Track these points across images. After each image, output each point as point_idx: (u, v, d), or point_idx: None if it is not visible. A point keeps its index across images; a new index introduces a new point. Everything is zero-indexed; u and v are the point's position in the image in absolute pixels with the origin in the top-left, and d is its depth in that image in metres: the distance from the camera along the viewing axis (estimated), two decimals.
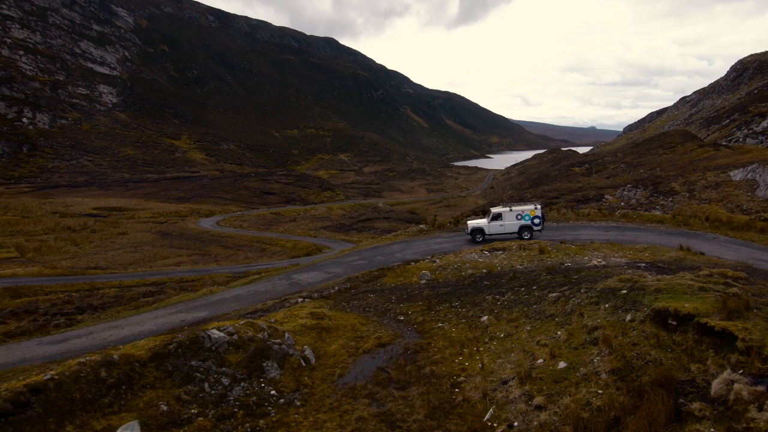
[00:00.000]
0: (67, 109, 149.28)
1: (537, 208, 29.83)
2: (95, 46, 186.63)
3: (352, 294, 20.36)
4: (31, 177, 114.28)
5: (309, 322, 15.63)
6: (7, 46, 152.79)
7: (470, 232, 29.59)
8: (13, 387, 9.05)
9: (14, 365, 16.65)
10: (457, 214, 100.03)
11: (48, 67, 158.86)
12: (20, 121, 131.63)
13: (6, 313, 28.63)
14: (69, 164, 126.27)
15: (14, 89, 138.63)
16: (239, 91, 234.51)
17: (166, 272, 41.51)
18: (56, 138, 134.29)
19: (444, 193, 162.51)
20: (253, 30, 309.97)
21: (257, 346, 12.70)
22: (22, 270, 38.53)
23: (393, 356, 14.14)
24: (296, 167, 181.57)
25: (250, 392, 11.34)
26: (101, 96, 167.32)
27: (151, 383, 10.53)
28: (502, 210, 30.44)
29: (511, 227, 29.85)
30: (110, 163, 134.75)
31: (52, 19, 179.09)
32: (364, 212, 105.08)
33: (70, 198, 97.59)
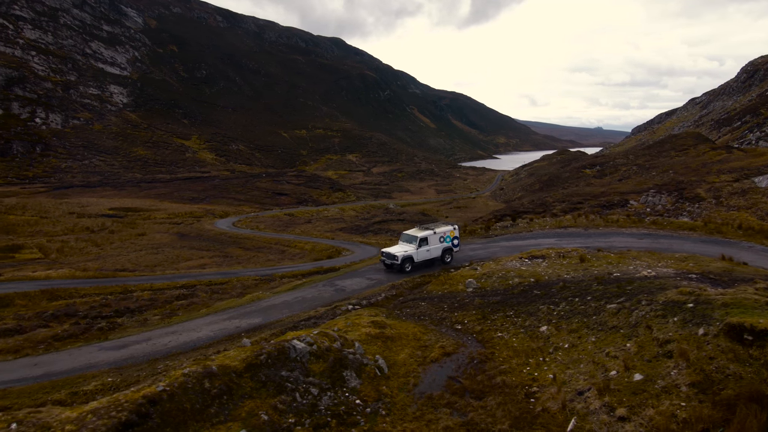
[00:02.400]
0: (79, 109, 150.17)
1: (455, 228, 28.68)
2: (106, 46, 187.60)
3: (400, 302, 20.72)
4: (44, 177, 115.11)
5: (372, 331, 15.99)
6: (20, 46, 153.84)
7: (401, 261, 26.36)
8: (133, 398, 9.44)
9: (82, 371, 17.09)
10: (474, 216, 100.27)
11: (60, 67, 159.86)
12: (33, 121, 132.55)
13: (47, 315, 29.09)
14: (82, 164, 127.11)
15: (27, 89, 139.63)
16: (247, 91, 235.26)
17: (194, 275, 41.91)
18: (69, 138, 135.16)
19: (454, 194, 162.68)
20: (260, 30, 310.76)
21: (335, 356, 13.08)
22: (55, 272, 39.02)
23: (460, 366, 14.50)
24: (305, 167, 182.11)
25: (337, 402, 11.71)
26: (112, 96, 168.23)
27: (248, 393, 10.91)
28: (427, 234, 27.87)
29: (436, 251, 27.79)
30: (122, 163, 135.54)
31: (63, 19, 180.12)
32: (376, 213, 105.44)
33: (85, 198, 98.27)
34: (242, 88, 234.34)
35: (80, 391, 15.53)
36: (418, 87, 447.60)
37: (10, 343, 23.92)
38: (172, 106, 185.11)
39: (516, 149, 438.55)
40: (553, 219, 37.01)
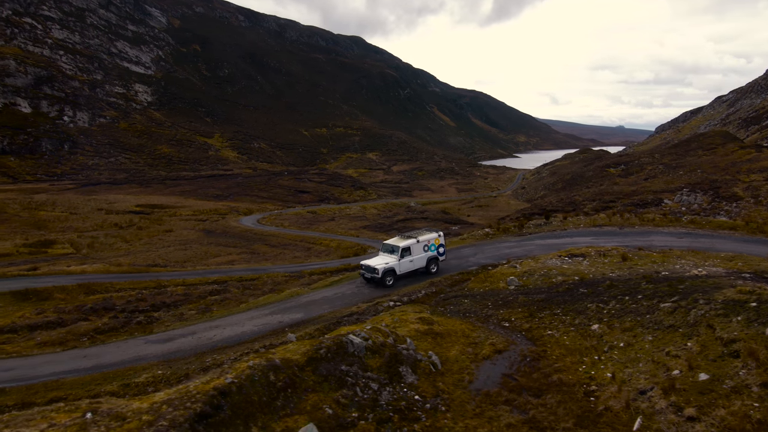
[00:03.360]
0: (105, 107, 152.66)
1: (441, 235, 26.93)
2: (131, 45, 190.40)
3: (442, 299, 20.59)
4: (72, 174, 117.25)
5: (420, 327, 15.89)
6: (48, 46, 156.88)
7: (381, 275, 24.08)
8: (204, 389, 9.47)
9: (131, 363, 17.30)
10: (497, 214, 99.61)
11: (86, 66, 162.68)
12: (61, 120, 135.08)
13: (87, 309, 29.59)
14: (108, 162, 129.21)
15: (55, 88, 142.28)
16: (269, 89, 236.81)
17: (225, 271, 42.30)
18: (95, 136, 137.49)
19: (474, 193, 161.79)
20: (282, 29, 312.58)
21: (390, 351, 13.01)
22: (90, 267, 39.69)
23: (513, 363, 14.33)
24: (325, 166, 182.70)
25: (397, 397, 11.64)
26: (137, 95, 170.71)
27: (311, 387, 10.90)
28: (410, 243, 25.67)
29: (420, 261, 25.65)
30: (147, 160, 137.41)
31: (90, 19, 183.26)
32: (398, 212, 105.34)
33: (112, 195, 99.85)
34: (263, 87, 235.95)
35: (132, 383, 15.72)
36: (438, 85, 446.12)
37: (53, 335, 24.38)
38: (195, 104, 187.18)
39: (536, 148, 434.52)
40: (586, 218, 36.50)
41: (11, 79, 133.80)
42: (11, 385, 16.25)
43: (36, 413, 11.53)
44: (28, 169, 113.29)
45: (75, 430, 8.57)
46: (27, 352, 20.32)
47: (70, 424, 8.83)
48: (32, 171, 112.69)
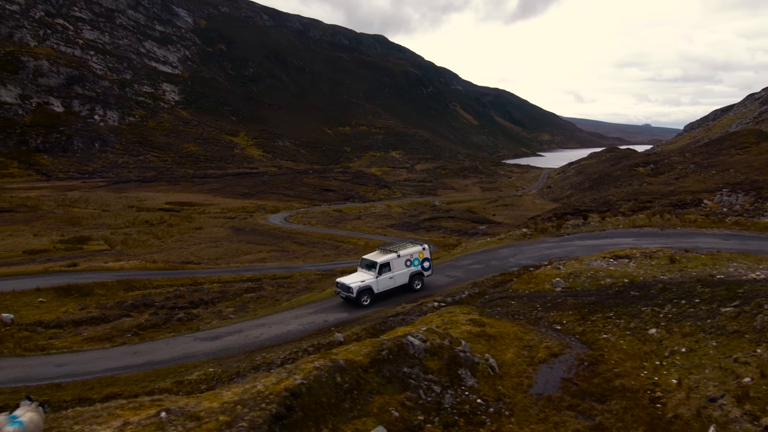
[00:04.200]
0: (134, 106, 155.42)
1: (425, 248, 24.36)
2: (158, 45, 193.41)
3: (487, 300, 20.35)
4: (103, 171, 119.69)
5: (473, 329, 15.68)
6: (80, 46, 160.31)
7: (356, 295, 21.85)
8: (276, 390, 9.44)
9: (181, 360, 17.45)
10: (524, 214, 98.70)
11: (116, 66, 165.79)
12: (92, 118, 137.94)
13: (127, 305, 30.07)
14: (137, 160, 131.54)
15: (86, 88, 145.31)
16: (293, 88, 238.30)
17: (258, 268, 42.63)
18: (125, 134, 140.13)
19: (499, 192, 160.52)
20: (305, 28, 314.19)
21: (449, 353, 12.85)
22: (127, 263, 40.36)
23: (571, 367, 14.04)
24: (349, 164, 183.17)
25: (460, 400, 11.48)
26: (164, 94, 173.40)
27: (376, 389, 10.80)
28: (389, 258, 23.26)
29: (402, 277, 23.35)
30: (174, 158, 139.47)
31: (119, 20, 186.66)
32: (423, 210, 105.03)
33: (142, 192, 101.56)
34: (288, 86, 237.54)
35: (185, 380, 15.86)
36: (461, 83, 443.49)
37: (99, 331, 24.85)
38: (221, 103, 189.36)
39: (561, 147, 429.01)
40: (625, 218, 35.80)
41: (44, 78, 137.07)
42: (66, 380, 16.53)
43: (100, 410, 11.66)
44: (60, 166, 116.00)
45: (153, 429, 8.60)
46: (77, 347, 20.68)
47: (147, 423, 8.88)
48: (64, 169, 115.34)
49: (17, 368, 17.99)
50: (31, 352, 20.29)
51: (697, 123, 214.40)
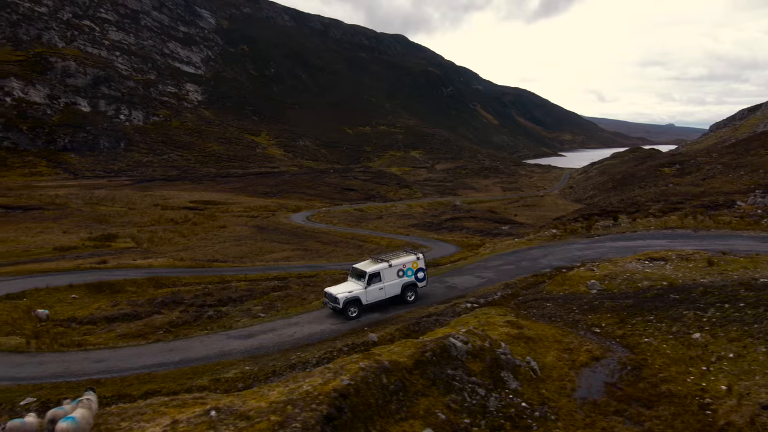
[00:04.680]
0: (158, 106, 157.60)
1: (420, 258, 23.17)
2: (182, 46, 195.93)
3: (521, 301, 20.11)
4: (128, 170, 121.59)
5: (511, 331, 15.48)
6: (106, 47, 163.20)
7: (342, 306, 20.97)
8: (324, 391, 9.40)
9: (217, 358, 17.55)
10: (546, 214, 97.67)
11: (141, 66, 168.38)
12: (118, 118, 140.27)
13: (158, 302, 30.44)
14: (161, 159, 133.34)
15: (112, 88, 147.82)
16: (313, 88, 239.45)
17: (283, 267, 42.84)
18: (149, 134, 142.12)
19: (520, 192, 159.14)
20: (326, 28, 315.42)
21: (491, 356, 12.68)
22: (156, 261, 40.89)
23: (614, 371, 13.76)
24: (369, 164, 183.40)
25: (505, 403, 11.31)
26: (188, 94, 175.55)
27: (420, 391, 10.70)
28: (380, 267, 22.24)
29: (393, 288, 22.17)
30: (197, 158, 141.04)
31: (144, 21, 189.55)
32: (444, 210, 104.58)
33: (166, 191, 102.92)
34: (308, 86, 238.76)
35: (222, 378, 15.93)
36: (481, 83, 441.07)
37: (132, 328, 25.13)
38: (243, 103, 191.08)
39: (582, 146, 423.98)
40: (656, 219, 35.14)
41: (72, 79, 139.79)
42: (105, 376, 16.74)
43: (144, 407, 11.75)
44: (87, 165, 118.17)
45: (204, 428, 8.61)
46: (112, 343, 20.96)
47: (197, 422, 8.89)
48: (91, 167, 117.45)
49: (56, 364, 18.28)
50: (68, 348, 20.61)
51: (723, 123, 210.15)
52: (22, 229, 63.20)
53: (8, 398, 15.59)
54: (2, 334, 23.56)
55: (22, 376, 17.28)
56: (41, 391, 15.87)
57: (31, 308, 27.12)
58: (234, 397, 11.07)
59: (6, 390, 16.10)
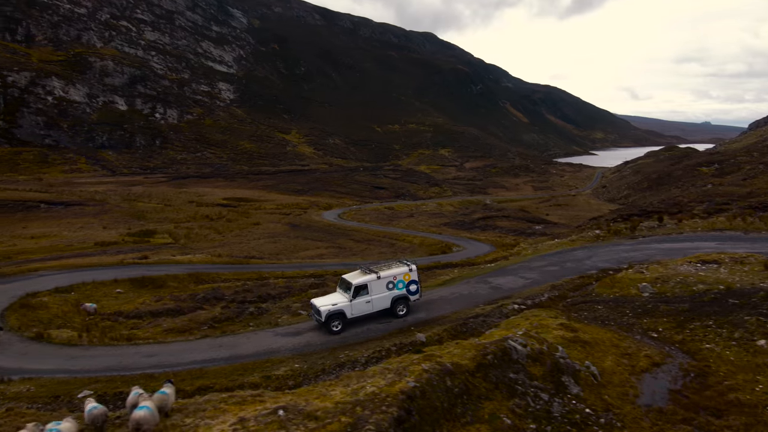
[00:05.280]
0: (192, 105, 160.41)
1: (412, 270, 21.74)
2: (215, 45, 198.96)
3: (570, 303, 19.70)
4: (163, 167, 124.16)
5: (566, 334, 15.14)
6: (142, 47, 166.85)
7: (325, 319, 19.71)
8: (392, 392, 9.30)
9: (266, 355, 17.68)
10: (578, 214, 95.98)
11: (175, 66, 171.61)
12: (153, 116, 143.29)
13: (199, 298, 30.92)
14: (195, 156, 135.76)
15: (148, 87, 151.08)
16: (343, 86, 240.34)
17: (319, 264, 43.07)
18: (183, 132, 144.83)
19: (552, 191, 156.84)
20: (355, 27, 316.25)
21: (551, 360, 12.41)
22: (195, 257, 41.57)
23: (676, 378, 13.32)
24: (398, 162, 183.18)
25: (569, 409, 11.04)
26: (220, 93, 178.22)
27: (484, 394, 10.52)
28: (367, 279, 20.94)
29: (382, 302, 20.84)
30: (230, 155, 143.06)
31: (178, 21, 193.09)
32: (474, 209, 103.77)
33: (200, 188, 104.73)
34: (338, 84, 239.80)
35: (272, 375, 16.03)
36: (511, 81, 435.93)
37: (177, 323, 25.56)
38: (274, 101, 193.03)
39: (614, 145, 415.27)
40: (702, 221, 34.09)
41: (110, 78, 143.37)
42: (157, 371, 17.02)
43: (203, 403, 11.85)
44: (124, 162, 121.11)
45: (275, 428, 8.60)
46: (160, 338, 21.33)
47: (266, 421, 8.90)
48: (128, 164, 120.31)
49: (109, 357, 18.67)
50: (118, 342, 21.04)
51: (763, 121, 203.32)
52: (64, 224, 65.03)
53: (66, 390, 15.98)
54: (54, 327, 24.27)
55: (77, 369, 17.72)
56: (97, 384, 16.23)
57: (80, 302, 27.84)
58: (293, 395, 11.08)
59: (64, 382, 16.52)
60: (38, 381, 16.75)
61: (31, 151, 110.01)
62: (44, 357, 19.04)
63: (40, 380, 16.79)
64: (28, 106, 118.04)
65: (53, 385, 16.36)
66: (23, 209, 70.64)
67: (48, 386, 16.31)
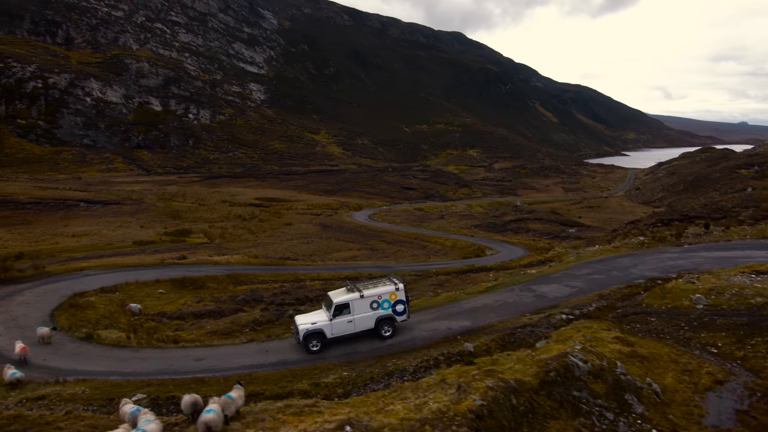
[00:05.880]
0: (224, 105, 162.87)
1: (399, 289, 20.40)
2: (246, 47, 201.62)
3: (620, 314, 19.23)
4: (196, 167, 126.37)
5: (622, 348, 14.76)
6: (176, 49, 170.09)
7: (303, 338, 18.91)
8: (460, 411, 9.17)
9: (312, 361, 17.70)
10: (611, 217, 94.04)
11: (208, 67, 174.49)
12: (187, 117, 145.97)
13: (239, 300, 31.32)
14: (227, 156, 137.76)
15: (182, 88, 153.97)
16: (371, 87, 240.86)
17: (353, 267, 43.16)
18: (215, 132, 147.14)
19: (583, 193, 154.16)
20: (384, 27, 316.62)
21: (612, 377, 12.10)
22: (232, 258, 42.11)
23: (742, 397, 12.85)
24: (426, 162, 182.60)
25: (635, 429, 10.74)
26: (251, 93, 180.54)
27: (549, 413, 10.30)
28: (349, 298, 19.92)
29: (365, 321, 19.71)
30: (261, 155, 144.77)
31: (211, 23, 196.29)
32: (505, 211, 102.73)
33: (233, 188, 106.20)
34: (366, 84, 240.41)
35: (321, 382, 16.04)
36: (540, 80, 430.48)
37: (220, 325, 25.90)
38: (303, 102, 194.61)
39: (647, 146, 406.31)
40: (750, 228, 32.97)
41: (145, 80, 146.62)
42: (207, 375, 17.23)
43: (259, 412, 11.91)
44: (158, 162, 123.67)
45: None
46: (206, 341, 21.60)
47: None
48: (162, 164, 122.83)
49: (159, 360, 18.97)
50: (165, 344, 21.36)
51: None
52: (103, 222, 66.66)
53: (120, 393, 16.26)
54: (102, 327, 24.85)
55: (129, 371, 18.04)
56: (149, 388, 16.48)
57: (124, 302, 28.44)
58: (350, 407, 11.05)
59: (117, 385, 16.83)
60: (92, 383, 17.11)
61: (70, 151, 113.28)
62: (96, 358, 19.46)
63: (94, 382, 17.14)
64: (67, 107, 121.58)
65: (107, 387, 16.68)
66: (64, 207, 72.66)
67: (102, 388, 16.64)
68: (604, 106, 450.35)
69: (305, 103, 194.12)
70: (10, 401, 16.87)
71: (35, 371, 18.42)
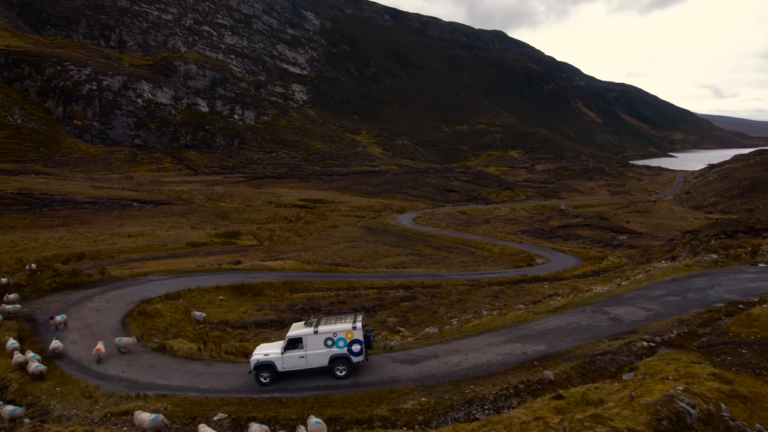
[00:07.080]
0: (268, 106, 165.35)
1: (357, 328, 19.32)
2: (289, 48, 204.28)
3: (705, 343, 18.36)
4: (241, 167, 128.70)
5: (721, 387, 14.03)
6: (222, 51, 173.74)
7: (253, 368, 18.59)
8: None
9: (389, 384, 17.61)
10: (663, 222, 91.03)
11: (252, 68, 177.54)
12: (232, 118, 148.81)
13: (298, 308, 31.55)
14: (270, 156, 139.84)
15: (227, 89, 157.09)
16: (411, 87, 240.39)
17: (405, 275, 42.98)
18: (259, 132, 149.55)
19: (630, 196, 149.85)
20: (424, 26, 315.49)
21: (723, 424, 11.49)
22: (286, 264, 42.55)
23: None
24: (466, 163, 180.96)
25: None
26: (294, 94, 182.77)
27: None
28: (302, 333, 19.42)
29: (318, 359, 18.96)
30: (303, 156, 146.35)
31: (256, 25, 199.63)
32: (550, 215, 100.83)
33: (277, 188, 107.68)
34: (406, 84, 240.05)
35: (401, 408, 15.88)
36: (583, 79, 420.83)
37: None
38: (344, 102, 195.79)
39: (695, 147, 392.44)
40: None
41: (192, 81, 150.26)
42: (285, 395, 17.29)
43: None
44: (205, 162, 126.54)
45: None
46: None
47: None
48: (209, 164, 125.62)
49: (234, 377, 19.24)
50: (235, 357, 21.64)
51: None
52: (156, 222, 68.51)
53: (201, 412, 16.52)
54: (171, 336, 25.40)
55: (206, 388, 18.29)
56: (229, 407, 16.67)
57: (189, 310, 29.03)
58: None
59: (197, 403, 17.08)
60: (172, 399, 17.43)
61: (122, 151, 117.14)
62: (171, 372, 19.81)
63: (174, 398, 17.45)
64: (120, 108, 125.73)
65: (187, 404, 16.95)
66: (119, 207, 75.05)
67: (183, 405, 16.92)
68: (650, 106, 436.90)
69: (346, 104, 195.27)
70: (95, 415, 17.40)
71: (115, 384, 18.92)
